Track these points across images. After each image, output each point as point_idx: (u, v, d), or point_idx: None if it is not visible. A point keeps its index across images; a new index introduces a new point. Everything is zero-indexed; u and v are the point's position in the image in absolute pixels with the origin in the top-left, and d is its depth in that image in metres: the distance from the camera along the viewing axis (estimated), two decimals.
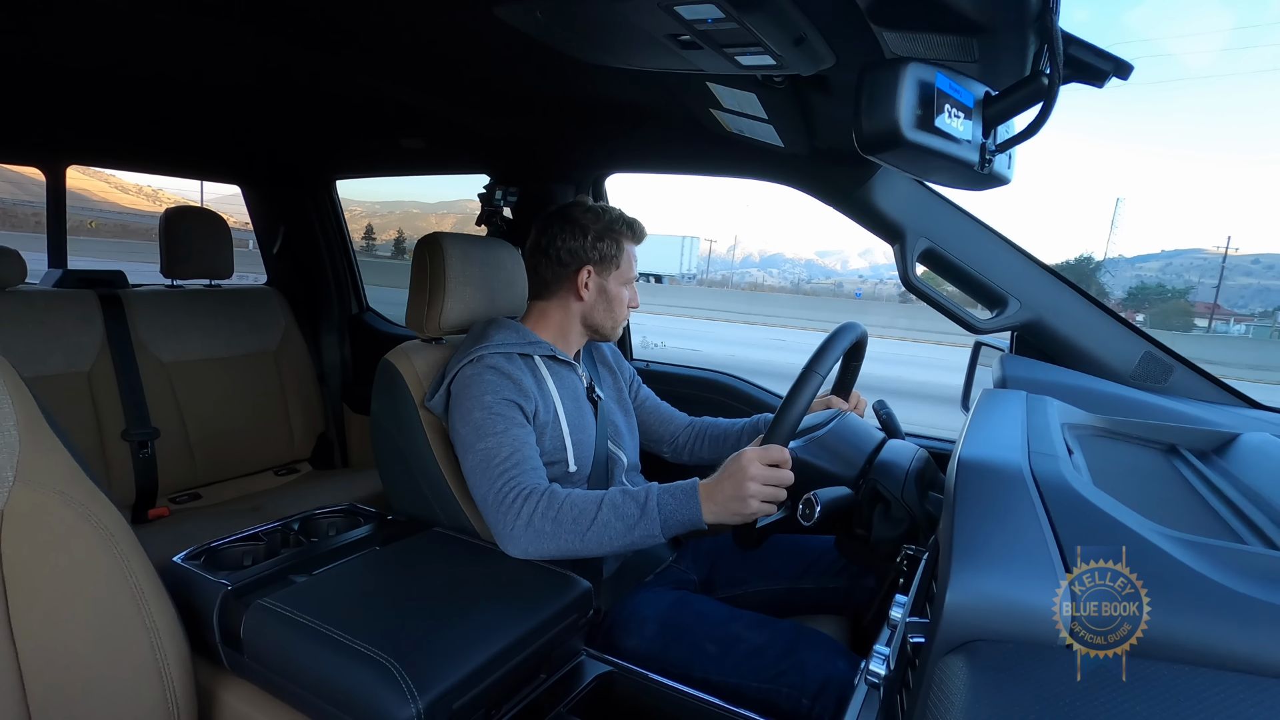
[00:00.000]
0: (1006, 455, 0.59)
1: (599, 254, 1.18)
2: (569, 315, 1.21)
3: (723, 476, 0.92)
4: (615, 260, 1.19)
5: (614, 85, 1.26)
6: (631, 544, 0.94)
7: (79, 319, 1.68)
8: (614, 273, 1.20)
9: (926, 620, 0.49)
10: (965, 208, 1.21)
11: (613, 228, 1.19)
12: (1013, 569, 0.44)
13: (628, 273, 1.22)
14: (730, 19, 0.69)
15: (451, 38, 1.12)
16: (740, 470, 0.90)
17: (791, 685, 0.93)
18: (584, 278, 1.18)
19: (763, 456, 0.91)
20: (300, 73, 1.45)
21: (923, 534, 0.95)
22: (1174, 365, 1.13)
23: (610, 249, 1.18)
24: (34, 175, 2.00)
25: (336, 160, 2.17)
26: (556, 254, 1.19)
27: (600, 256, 1.18)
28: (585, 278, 1.18)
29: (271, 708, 0.81)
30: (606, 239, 1.18)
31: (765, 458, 0.91)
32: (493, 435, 1.01)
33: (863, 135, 0.65)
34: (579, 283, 1.18)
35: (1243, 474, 0.67)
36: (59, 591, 0.69)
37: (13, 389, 0.69)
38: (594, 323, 1.22)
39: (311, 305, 2.30)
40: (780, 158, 1.34)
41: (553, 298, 1.22)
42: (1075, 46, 0.69)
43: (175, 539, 1.38)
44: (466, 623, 0.81)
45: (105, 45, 1.33)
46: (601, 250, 1.18)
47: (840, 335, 1.02)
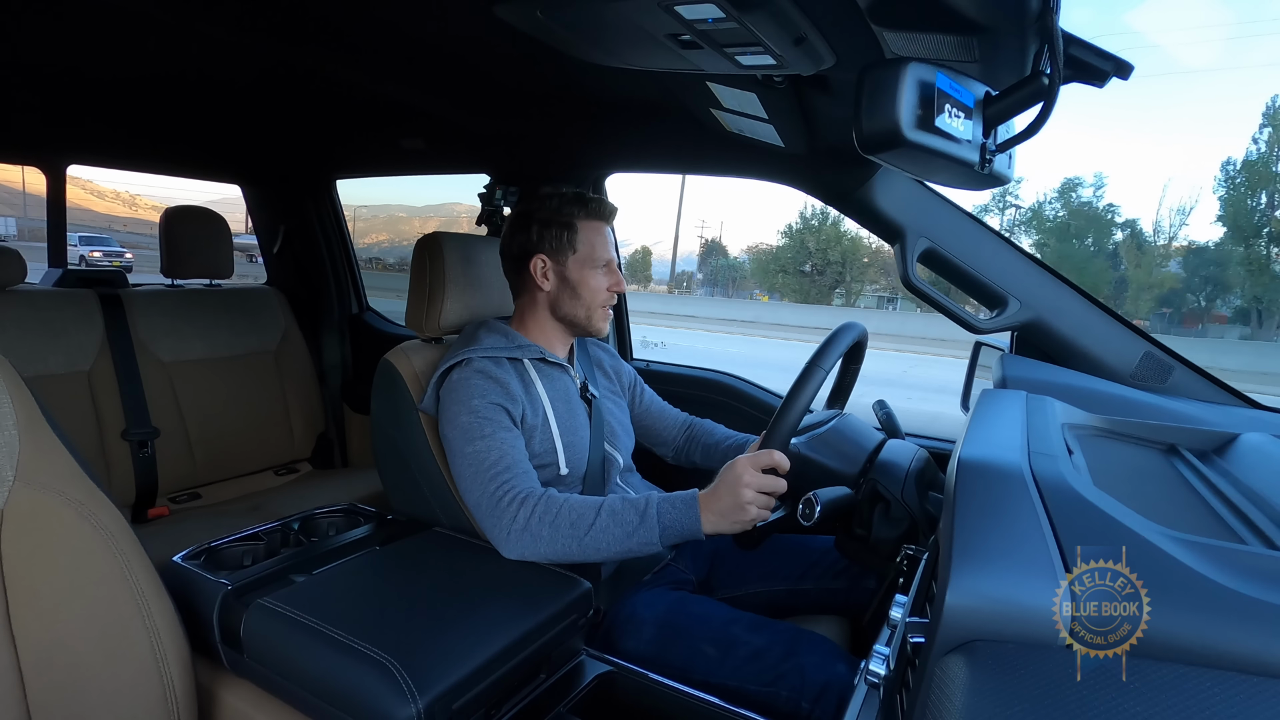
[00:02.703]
0: (1006, 455, 0.59)
1: (548, 241, 1.14)
2: (538, 309, 1.18)
3: (719, 487, 0.93)
4: (570, 244, 1.14)
5: (614, 85, 1.26)
6: (629, 551, 0.95)
7: (79, 319, 1.68)
8: (571, 257, 1.14)
9: (926, 620, 0.49)
10: (965, 208, 1.21)
11: (560, 211, 1.14)
12: (1013, 569, 0.44)
13: (590, 254, 1.14)
14: (730, 19, 0.69)
15: (451, 37, 1.12)
16: (735, 479, 0.91)
17: (791, 688, 0.93)
18: (538, 267, 1.14)
19: (756, 463, 0.92)
20: (300, 72, 1.45)
21: (923, 534, 0.95)
22: (1174, 365, 1.13)
23: (560, 234, 1.13)
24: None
25: (336, 160, 2.17)
26: (510, 251, 1.18)
27: (552, 243, 1.14)
28: (540, 267, 1.14)
29: (271, 708, 0.81)
30: (554, 225, 1.14)
31: (758, 464, 0.92)
32: (480, 439, 1.01)
33: (863, 135, 0.65)
34: (535, 274, 1.15)
35: (1243, 474, 0.67)
36: (59, 591, 0.69)
37: (13, 389, 0.69)
38: (565, 313, 1.17)
39: (311, 305, 2.30)
40: (780, 157, 1.34)
41: (522, 294, 1.20)
42: (1075, 46, 0.69)
43: (175, 539, 1.38)
44: (466, 622, 0.81)
45: (106, 45, 1.33)
46: (551, 236, 1.13)
47: (840, 335, 1.01)
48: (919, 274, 1.19)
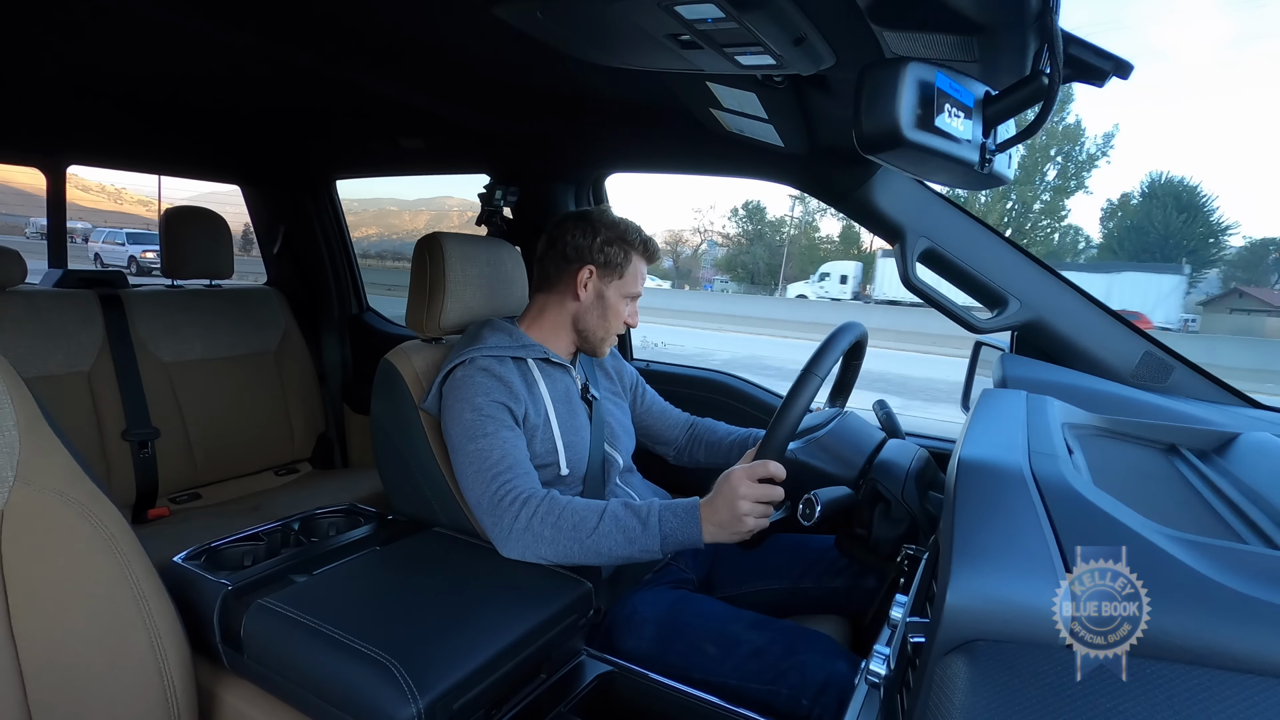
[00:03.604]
0: (1007, 455, 0.59)
1: (605, 257, 1.17)
2: (563, 314, 1.20)
3: (716, 499, 0.93)
4: (620, 269, 1.18)
5: (614, 85, 1.26)
6: (630, 557, 0.95)
7: (79, 319, 1.68)
8: (615, 281, 1.18)
9: (927, 620, 0.49)
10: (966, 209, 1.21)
11: (625, 237, 1.18)
12: (1013, 569, 0.44)
13: (630, 287, 1.20)
14: (730, 19, 0.69)
15: (451, 38, 1.12)
16: (731, 491, 0.91)
17: (791, 687, 0.93)
18: (584, 277, 1.17)
19: (751, 474, 0.92)
20: (300, 72, 1.45)
21: (923, 534, 0.95)
22: (1174, 365, 1.13)
23: (617, 256, 1.17)
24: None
25: (336, 160, 2.17)
26: (563, 248, 1.19)
27: (606, 260, 1.17)
28: (586, 277, 1.17)
29: (271, 708, 0.81)
30: (616, 245, 1.17)
31: (754, 475, 0.92)
32: (483, 437, 1.01)
33: (863, 135, 0.65)
34: (579, 281, 1.17)
35: (1243, 474, 0.67)
36: (59, 591, 0.69)
37: (13, 389, 0.69)
38: (585, 327, 1.20)
39: (311, 305, 2.30)
40: (780, 157, 1.34)
41: (553, 292, 1.21)
42: (1075, 46, 0.69)
43: (175, 539, 1.38)
44: (467, 622, 0.81)
45: (106, 45, 1.33)
46: (608, 254, 1.17)
47: (840, 335, 1.01)
48: (919, 274, 1.19)
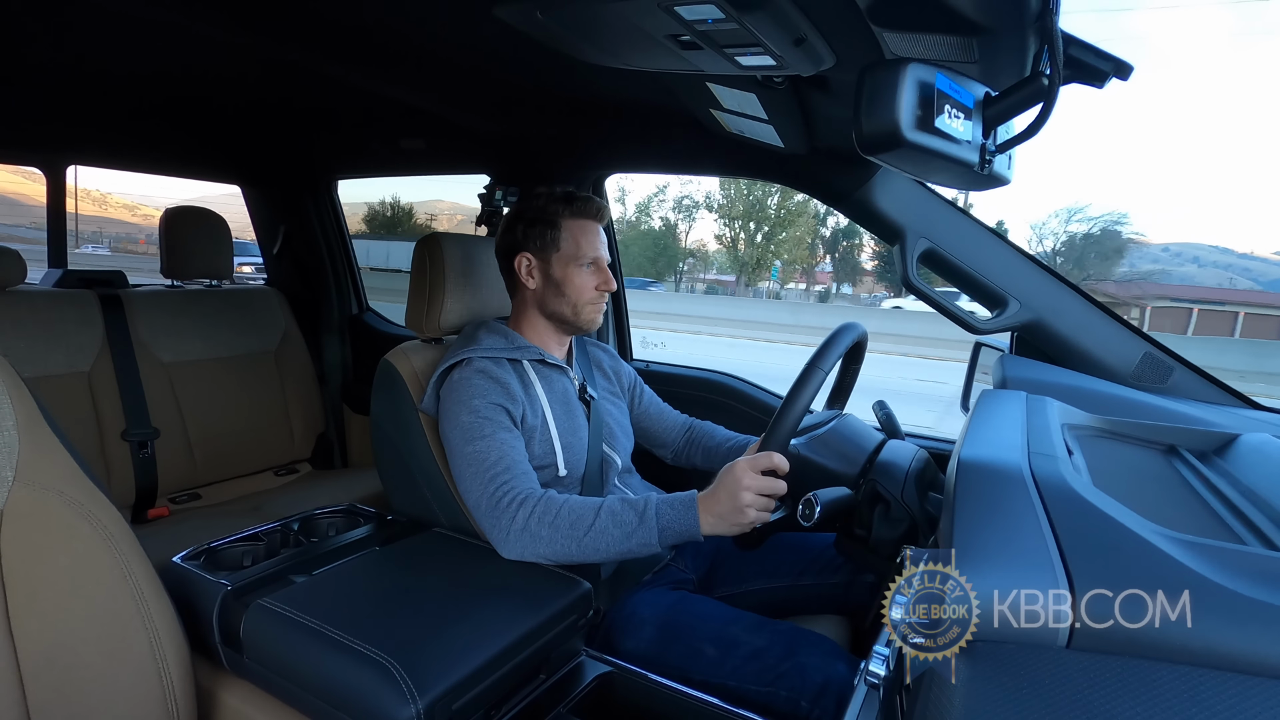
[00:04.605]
0: (1006, 456, 0.59)
1: (533, 239, 1.16)
2: (529, 308, 1.20)
3: (718, 489, 0.93)
4: (555, 241, 1.15)
5: (614, 85, 1.26)
6: (628, 552, 0.95)
7: (79, 319, 1.68)
8: (555, 255, 1.16)
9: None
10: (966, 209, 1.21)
11: (545, 210, 1.16)
12: (1013, 570, 0.44)
13: (575, 252, 1.15)
14: (730, 19, 0.69)
15: (451, 38, 1.12)
16: (734, 482, 0.91)
17: (791, 688, 0.93)
18: (523, 265, 1.16)
19: (755, 466, 0.92)
20: (300, 72, 1.45)
21: (923, 534, 0.95)
22: (1174, 366, 1.13)
23: (544, 232, 1.15)
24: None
25: (336, 160, 2.17)
26: (500, 250, 1.21)
27: (536, 241, 1.16)
28: (525, 265, 1.17)
29: (271, 708, 0.81)
30: (539, 223, 1.16)
31: (757, 466, 0.92)
32: (480, 439, 1.01)
33: (863, 135, 0.65)
34: (521, 271, 1.17)
35: (1242, 474, 0.67)
36: (59, 591, 0.69)
37: (12, 389, 0.69)
38: (552, 310, 1.18)
39: (311, 305, 2.30)
40: (780, 158, 1.34)
41: (514, 294, 1.22)
42: (1075, 47, 0.69)
43: (175, 539, 1.38)
44: (466, 623, 0.81)
45: (106, 45, 1.33)
46: (533, 234, 1.16)
47: (840, 335, 1.01)
48: (918, 274, 1.19)
